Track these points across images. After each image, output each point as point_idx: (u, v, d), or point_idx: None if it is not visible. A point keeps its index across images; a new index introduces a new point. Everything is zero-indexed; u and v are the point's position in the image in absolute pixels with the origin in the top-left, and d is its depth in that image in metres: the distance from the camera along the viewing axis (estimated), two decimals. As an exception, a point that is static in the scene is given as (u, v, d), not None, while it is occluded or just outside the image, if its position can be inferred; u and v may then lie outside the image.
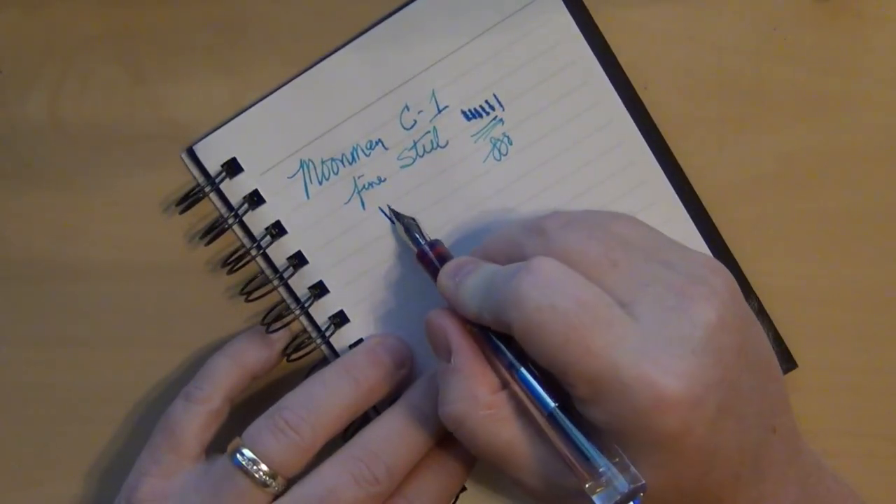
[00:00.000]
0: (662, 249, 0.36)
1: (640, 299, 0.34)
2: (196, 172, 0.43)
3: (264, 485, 0.38)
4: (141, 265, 0.44)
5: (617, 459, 0.33)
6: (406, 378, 0.43)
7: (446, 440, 0.42)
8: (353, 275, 0.43)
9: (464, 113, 0.42)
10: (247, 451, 0.38)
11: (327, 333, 0.44)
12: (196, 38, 0.43)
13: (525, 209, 0.42)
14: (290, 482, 0.39)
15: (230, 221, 0.43)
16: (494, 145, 0.42)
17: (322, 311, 0.44)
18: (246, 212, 0.43)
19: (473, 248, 0.40)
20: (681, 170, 0.42)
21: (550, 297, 0.33)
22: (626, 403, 0.32)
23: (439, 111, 0.42)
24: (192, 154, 0.43)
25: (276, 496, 0.39)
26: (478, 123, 0.42)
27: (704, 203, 0.43)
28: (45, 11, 0.43)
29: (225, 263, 0.43)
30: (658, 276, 0.34)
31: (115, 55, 0.43)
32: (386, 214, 0.43)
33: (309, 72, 0.42)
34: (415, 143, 0.43)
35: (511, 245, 0.38)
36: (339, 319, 0.44)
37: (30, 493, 0.46)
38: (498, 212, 0.43)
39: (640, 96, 0.42)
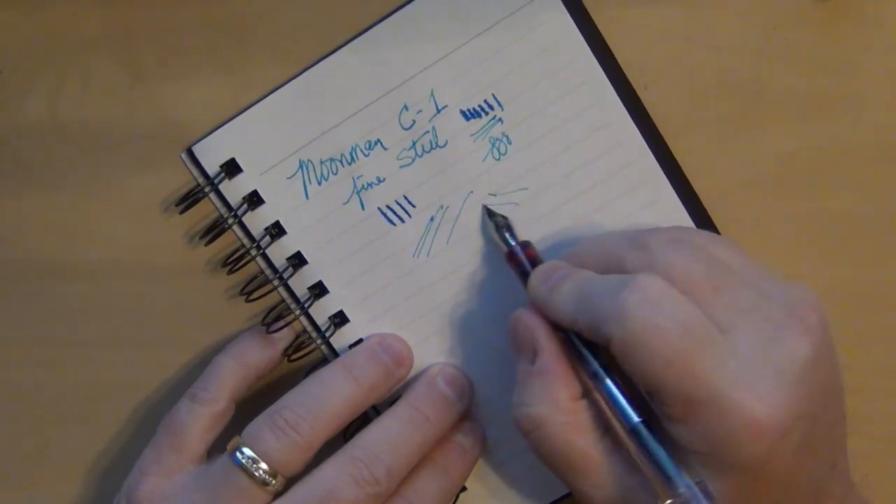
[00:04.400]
0: (761, 278, 0.36)
1: (739, 327, 0.34)
2: (195, 173, 0.43)
3: (264, 483, 0.38)
4: (141, 265, 0.44)
5: (697, 480, 0.33)
6: (406, 378, 0.43)
7: (446, 440, 0.42)
8: (352, 275, 0.43)
9: (463, 112, 0.42)
10: (247, 450, 0.39)
11: (327, 333, 0.44)
12: (196, 38, 0.43)
13: (525, 208, 0.42)
14: (290, 481, 0.39)
15: (230, 222, 0.43)
16: (493, 145, 0.42)
17: (322, 311, 0.44)
18: (245, 212, 0.43)
19: (564, 251, 0.39)
20: (681, 170, 0.42)
21: (656, 316, 0.33)
22: (719, 426, 0.33)
23: (438, 111, 0.42)
24: (191, 154, 0.43)
25: (276, 495, 0.39)
26: (477, 123, 0.42)
27: (704, 203, 0.43)
28: (45, 12, 0.43)
29: (225, 263, 0.43)
30: (757, 304, 0.35)
31: (115, 55, 0.43)
32: (387, 212, 0.43)
33: (308, 72, 0.42)
34: (414, 143, 0.42)
35: (609, 256, 0.37)
36: (339, 319, 0.44)
37: (29, 493, 0.46)
38: (498, 211, 0.43)
39: (640, 96, 0.42)
